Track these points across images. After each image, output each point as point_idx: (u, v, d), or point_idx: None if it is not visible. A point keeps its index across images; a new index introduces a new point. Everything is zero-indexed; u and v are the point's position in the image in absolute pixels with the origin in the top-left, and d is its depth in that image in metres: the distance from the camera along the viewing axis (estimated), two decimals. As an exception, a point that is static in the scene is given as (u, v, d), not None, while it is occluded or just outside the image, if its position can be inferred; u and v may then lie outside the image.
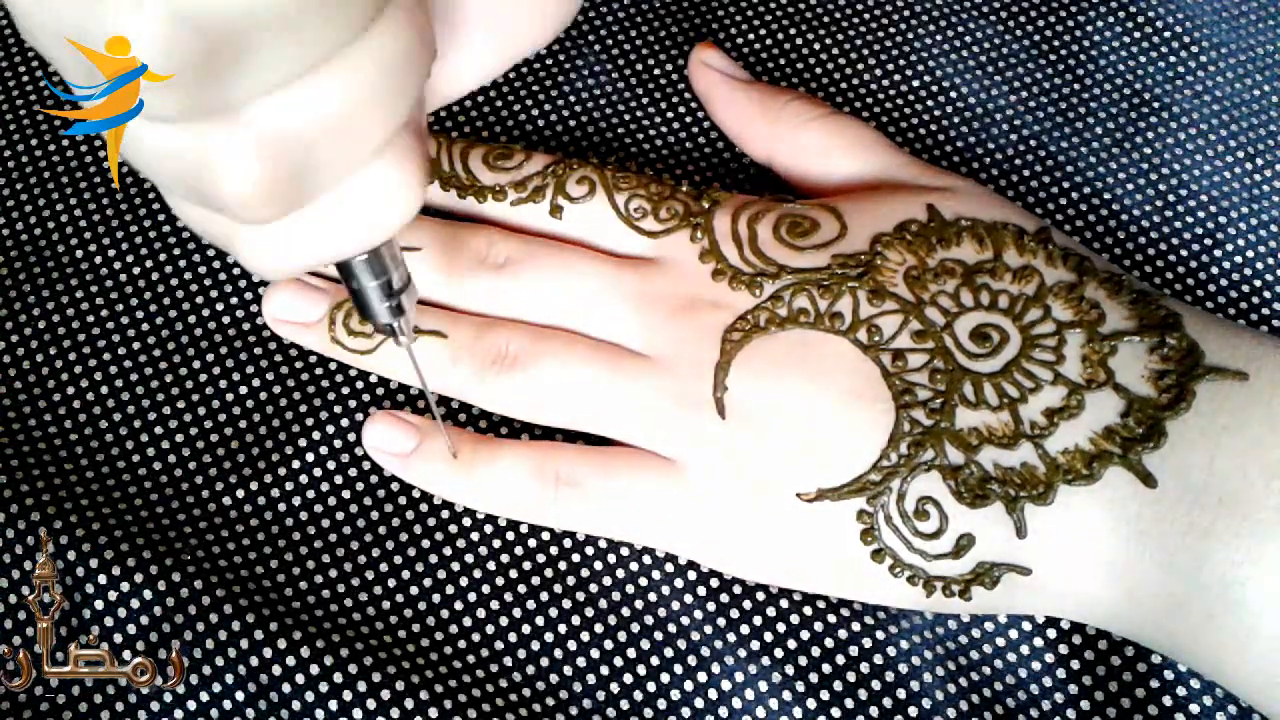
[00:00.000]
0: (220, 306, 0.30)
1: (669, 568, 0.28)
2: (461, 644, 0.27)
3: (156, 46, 0.15)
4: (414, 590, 0.28)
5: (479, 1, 0.22)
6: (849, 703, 0.27)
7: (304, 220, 0.19)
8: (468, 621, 0.27)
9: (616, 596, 0.28)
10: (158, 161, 0.17)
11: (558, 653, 0.27)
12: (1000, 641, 0.27)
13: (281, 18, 0.15)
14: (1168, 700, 0.26)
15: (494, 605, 0.28)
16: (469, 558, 0.28)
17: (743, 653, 0.27)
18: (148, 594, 0.27)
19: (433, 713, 0.26)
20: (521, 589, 0.28)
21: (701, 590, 0.28)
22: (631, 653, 0.27)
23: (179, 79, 0.15)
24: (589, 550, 0.28)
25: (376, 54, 0.17)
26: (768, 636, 0.27)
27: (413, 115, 0.19)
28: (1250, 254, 0.31)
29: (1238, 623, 0.23)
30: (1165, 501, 0.23)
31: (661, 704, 0.27)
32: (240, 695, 0.26)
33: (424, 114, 0.21)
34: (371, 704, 0.26)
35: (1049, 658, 0.27)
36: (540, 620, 0.27)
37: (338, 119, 0.17)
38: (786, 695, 0.27)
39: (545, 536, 0.28)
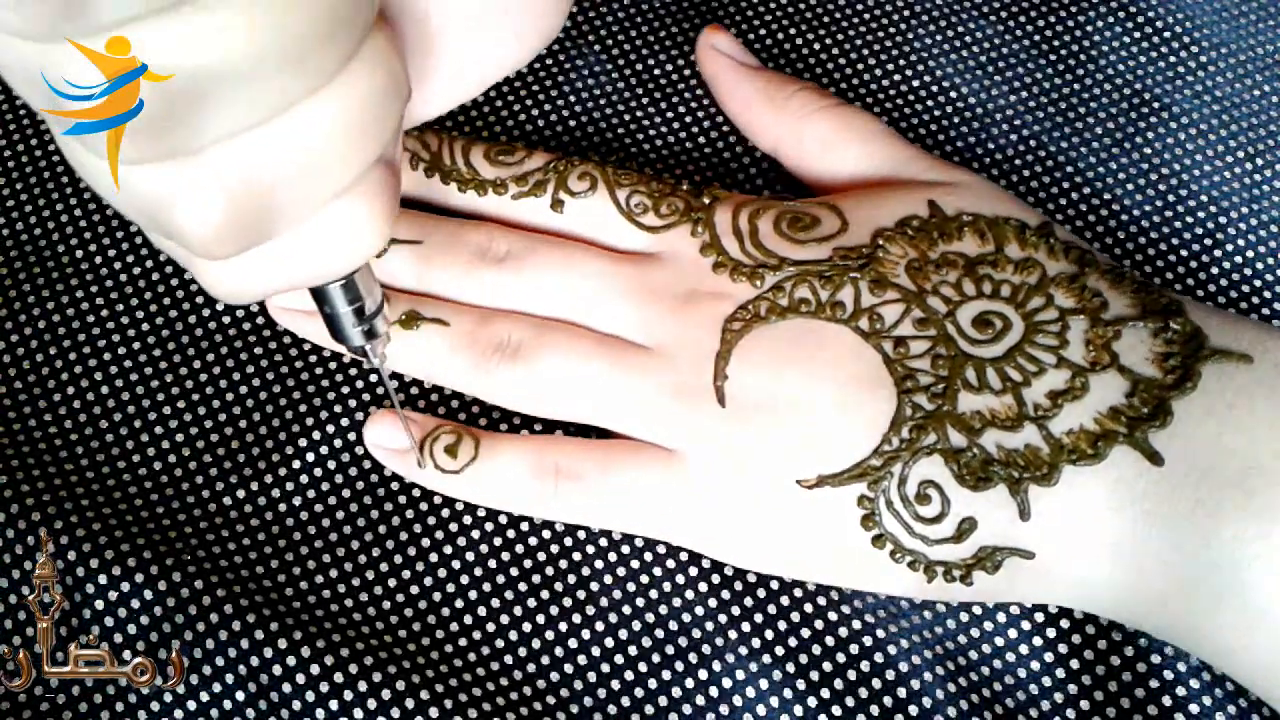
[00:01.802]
0: (220, 306, 0.30)
1: (669, 564, 0.28)
2: (462, 643, 0.27)
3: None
4: (414, 590, 0.28)
5: (452, 30, 0.22)
6: (849, 701, 0.27)
7: (265, 252, 0.19)
8: (468, 621, 0.27)
9: (616, 596, 0.28)
10: (116, 195, 0.17)
11: (558, 651, 0.27)
12: (1000, 641, 0.27)
13: (242, 70, 0.15)
14: (1167, 700, 0.26)
15: (494, 605, 0.28)
16: (469, 556, 0.28)
17: (743, 650, 0.27)
18: (148, 594, 0.27)
19: (433, 713, 0.26)
20: (522, 588, 0.28)
21: (702, 587, 0.28)
22: (631, 650, 0.27)
23: (137, 125, 0.15)
24: (589, 550, 0.28)
25: (343, 100, 0.17)
26: (768, 634, 0.27)
27: (384, 152, 0.19)
28: (1250, 254, 0.31)
29: (1246, 602, 0.23)
30: (1172, 480, 0.23)
31: (661, 701, 0.27)
32: (240, 695, 0.26)
33: (398, 148, 0.21)
34: (372, 704, 0.26)
35: (1048, 657, 0.27)
36: (540, 620, 0.27)
37: (301, 162, 0.17)
38: (786, 693, 0.27)
39: (545, 536, 0.28)
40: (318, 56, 0.16)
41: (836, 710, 0.26)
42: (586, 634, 0.27)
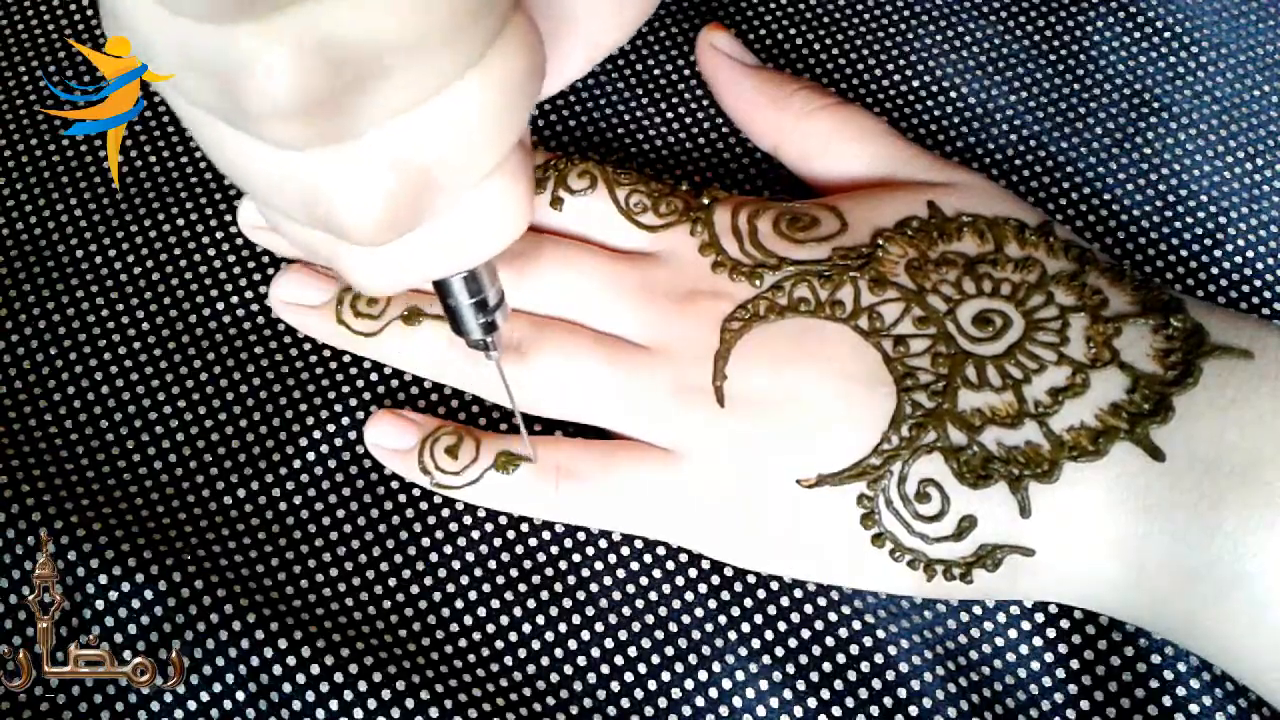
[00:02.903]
0: (220, 306, 0.30)
1: (669, 566, 0.28)
2: (462, 644, 0.27)
3: (289, 77, 0.15)
4: (414, 590, 0.28)
5: (571, 9, 0.22)
6: (849, 701, 0.27)
7: (415, 239, 0.19)
8: (468, 621, 0.27)
9: (617, 596, 0.28)
10: (272, 186, 0.18)
11: (558, 652, 0.27)
12: (1000, 641, 0.27)
13: (408, 44, 0.15)
14: (1168, 700, 0.26)
15: (494, 605, 0.28)
16: (469, 557, 0.28)
17: (743, 651, 0.27)
18: (148, 594, 0.27)
19: (433, 713, 0.26)
20: (522, 589, 0.28)
21: (701, 589, 0.28)
22: (631, 652, 0.27)
23: (307, 108, 0.15)
24: (589, 550, 0.28)
25: (496, 76, 0.17)
26: (768, 635, 0.27)
27: (524, 131, 0.19)
28: (1250, 254, 0.31)
29: (1248, 595, 0.23)
30: (1174, 475, 0.23)
31: (661, 703, 0.27)
32: (240, 695, 0.26)
33: (529, 130, 0.21)
34: (372, 704, 0.26)
35: (1049, 657, 0.27)
36: (540, 620, 0.27)
37: (458, 142, 0.17)
38: (786, 694, 0.27)
39: (545, 536, 0.28)
40: (472, 32, 0.16)
41: (837, 711, 0.26)
42: (587, 634, 0.27)
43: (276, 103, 0.15)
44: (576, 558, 0.28)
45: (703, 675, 0.27)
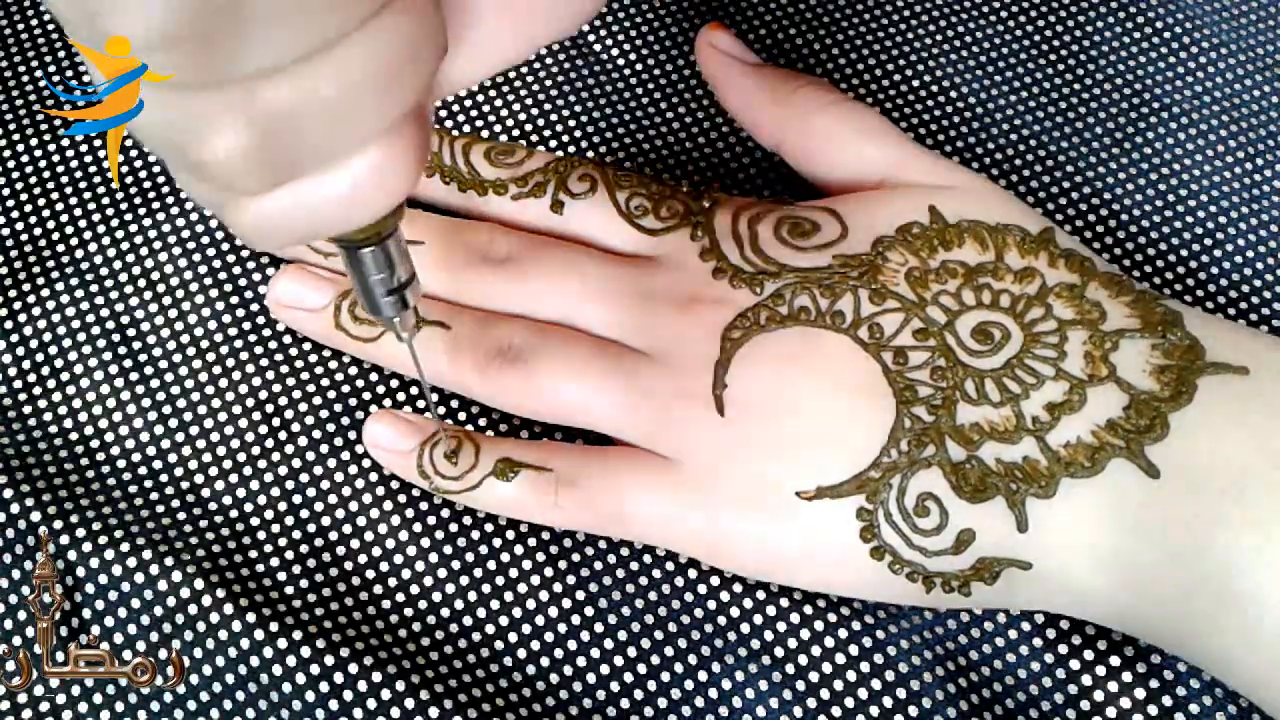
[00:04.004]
0: (221, 306, 0.30)
1: (669, 566, 0.28)
2: (461, 644, 0.27)
3: (163, 6, 0.15)
4: (414, 590, 0.28)
5: None
6: (849, 702, 0.27)
7: (290, 193, 0.19)
8: (468, 621, 0.27)
9: (616, 596, 0.28)
10: (149, 126, 0.18)
11: (558, 653, 0.27)
12: (1000, 641, 0.27)
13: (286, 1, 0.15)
14: (1168, 700, 0.26)
15: (494, 605, 0.28)
16: (469, 557, 0.28)
17: (742, 652, 0.27)
18: (148, 594, 0.27)
19: (433, 712, 0.26)
20: (521, 589, 0.28)
21: (701, 589, 0.28)
22: (631, 652, 0.27)
23: (176, 38, 0.15)
24: (589, 550, 0.28)
25: (380, 44, 0.17)
26: (767, 636, 0.27)
27: (416, 104, 0.19)
28: (1250, 254, 0.31)
29: (1242, 611, 0.23)
30: (1168, 491, 0.23)
31: (661, 703, 0.27)
32: (240, 695, 0.26)
33: (430, 101, 0.21)
34: (372, 704, 0.26)
35: (1049, 658, 0.27)
36: (540, 620, 0.27)
37: (334, 103, 0.17)
38: (786, 694, 0.27)
39: (545, 536, 0.28)
40: None
41: (836, 711, 0.26)
42: (587, 635, 0.27)
43: (148, 25, 0.15)
44: (576, 558, 0.28)
45: (703, 675, 0.27)
